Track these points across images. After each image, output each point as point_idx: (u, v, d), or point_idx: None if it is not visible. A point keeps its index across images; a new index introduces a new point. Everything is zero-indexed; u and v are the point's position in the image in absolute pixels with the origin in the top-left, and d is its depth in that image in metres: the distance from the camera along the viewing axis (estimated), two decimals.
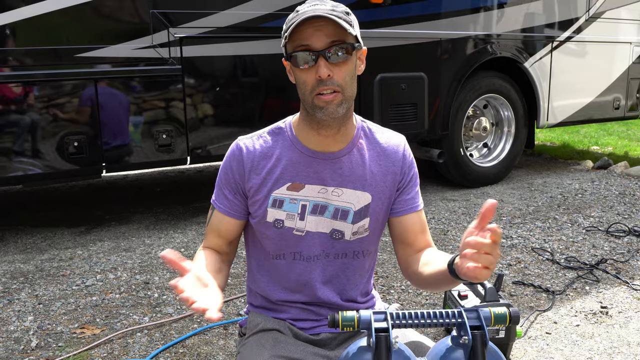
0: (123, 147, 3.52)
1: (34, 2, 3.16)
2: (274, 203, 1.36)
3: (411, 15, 4.32)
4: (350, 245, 1.42)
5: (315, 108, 1.27)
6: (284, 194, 1.36)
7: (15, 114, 3.25)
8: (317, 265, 1.41)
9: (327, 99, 1.25)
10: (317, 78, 1.24)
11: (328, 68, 1.23)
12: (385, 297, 2.74)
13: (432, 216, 4.04)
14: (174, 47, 3.51)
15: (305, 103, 1.30)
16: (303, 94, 1.29)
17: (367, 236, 1.43)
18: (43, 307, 2.64)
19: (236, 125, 3.80)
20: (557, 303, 2.69)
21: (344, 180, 1.38)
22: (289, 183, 1.36)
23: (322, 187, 1.36)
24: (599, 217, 4.02)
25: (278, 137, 1.39)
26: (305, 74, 1.26)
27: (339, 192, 1.37)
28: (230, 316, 2.56)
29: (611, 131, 8.36)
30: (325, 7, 1.25)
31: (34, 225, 3.90)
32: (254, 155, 1.37)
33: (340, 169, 1.37)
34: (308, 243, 1.39)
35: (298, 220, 1.36)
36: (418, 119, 4.42)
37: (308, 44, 1.24)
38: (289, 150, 1.37)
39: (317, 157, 1.36)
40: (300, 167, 1.36)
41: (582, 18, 5.26)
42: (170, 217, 4.07)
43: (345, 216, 1.38)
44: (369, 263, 1.51)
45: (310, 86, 1.26)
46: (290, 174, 1.36)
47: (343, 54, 1.25)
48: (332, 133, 1.33)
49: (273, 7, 3.75)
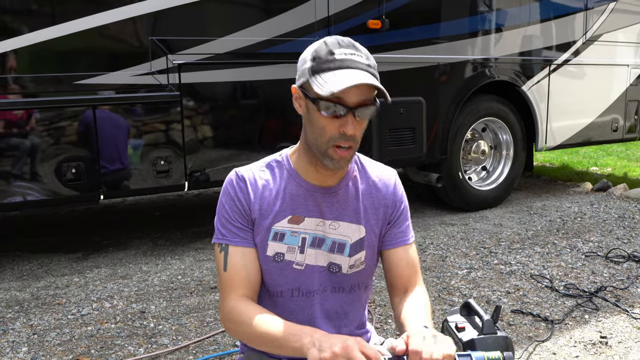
0: (121, 173, 3.52)
1: (33, 31, 3.18)
2: (275, 236, 1.35)
3: (409, 40, 4.35)
4: (347, 279, 1.42)
5: (326, 157, 1.28)
6: (285, 226, 1.35)
7: (14, 141, 3.26)
8: (316, 300, 1.40)
9: (343, 154, 1.26)
10: (340, 131, 1.24)
11: (354, 125, 1.24)
12: (382, 327, 2.72)
13: (430, 241, 4.03)
14: (173, 74, 3.52)
15: (317, 148, 1.29)
16: (317, 138, 1.28)
17: (364, 269, 1.44)
18: (38, 338, 2.62)
19: (234, 152, 3.80)
20: (556, 333, 2.67)
21: (340, 214, 1.39)
22: (290, 216, 1.36)
23: (320, 220, 1.37)
24: (598, 242, 4.00)
25: (276, 170, 1.39)
26: (327, 121, 1.25)
27: (336, 225, 1.38)
28: (226, 347, 2.54)
29: (610, 151, 8.37)
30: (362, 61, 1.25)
31: (31, 251, 3.88)
32: (255, 186, 1.36)
33: (337, 202, 1.39)
34: (307, 277, 1.38)
35: (298, 253, 1.36)
36: (416, 143, 4.42)
37: (342, 97, 1.22)
38: (288, 183, 1.37)
39: (316, 191, 1.37)
40: (300, 200, 1.36)
41: (580, 41, 5.29)
42: (168, 243, 4.06)
43: (342, 249, 1.39)
44: (365, 296, 1.51)
45: (330, 136, 1.25)
46: (290, 206, 1.36)
47: (370, 112, 1.26)
48: (331, 173, 1.35)
49: (271, 34, 3.78)
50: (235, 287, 1.32)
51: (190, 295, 3.11)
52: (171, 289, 3.20)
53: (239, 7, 3.84)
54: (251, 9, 3.85)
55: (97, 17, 3.32)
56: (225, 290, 1.34)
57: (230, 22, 3.72)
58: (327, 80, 1.22)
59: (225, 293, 1.33)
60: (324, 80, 1.22)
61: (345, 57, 1.24)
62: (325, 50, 1.26)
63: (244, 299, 1.32)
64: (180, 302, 3.02)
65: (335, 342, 1.10)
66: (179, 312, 2.90)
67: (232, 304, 1.31)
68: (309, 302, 1.40)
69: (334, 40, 1.28)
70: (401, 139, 4.36)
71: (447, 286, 3.20)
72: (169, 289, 3.19)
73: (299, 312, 1.39)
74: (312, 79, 1.25)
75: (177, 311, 2.90)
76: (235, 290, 1.32)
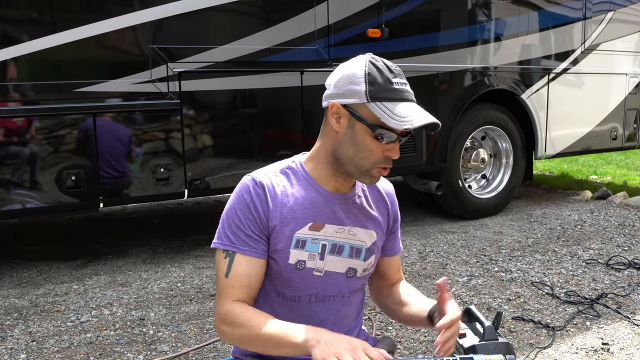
0: (121, 181, 3.52)
1: (34, 38, 3.19)
2: (297, 243, 1.34)
3: (408, 49, 4.37)
4: (359, 282, 1.47)
5: (366, 175, 1.33)
6: (307, 234, 1.35)
7: (14, 148, 3.26)
8: (332, 305, 1.42)
9: (385, 174, 1.35)
10: (385, 155, 1.30)
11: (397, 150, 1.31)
12: (382, 333, 2.71)
13: (430, 249, 4.02)
14: (173, 82, 3.53)
15: (357, 167, 1.32)
16: (361, 159, 1.31)
17: (371, 271, 1.50)
18: (36, 345, 2.61)
19: (234, 160, 3.81)
20: (557, 339, 2.65)
21: (356, 220, 1.42)
22: (310, 223, 1.36)
23: (339, 226, 1.39)
24: (599, 249, 3.99)
25: (292, 176, 1.39)
26: (375, 144, 1.29)
27: (355, 230, 1.41)
28: (226, 354, 2.53)
29: (609, 160, 8.38)
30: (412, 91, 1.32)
31: (30, 259, 3.87)
32: (274, 193, 1.35)
33: (353, 208, 1.42)
34: (326, 283, 1.39)
35: (318, 260, 1.37)
36: (416, 151, 4.43)
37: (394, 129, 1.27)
38: (306, 190, 1.37)
39: (333, 198, 1.39)
40: (320, 207, 1.37)
41: (578, 50, 5.32)
42: (168, 250, 4.05)
43: (358, 254, 1.42)
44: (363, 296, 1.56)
45: (376, 158, 1.30)
46: (311, 213, 1.36)
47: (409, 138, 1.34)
48: (350, 181, 1.40)
49: (271, 42, 3.79)
50: (232, 292, 1.31)
51: (189, 303, 3.09)
52: (171, 296, 3.19)
53: (239, 16, 3.86)
54: (251, 17, 3.87)
55: (97, 25, 3.34)
56: (222, 294, 1.32)
57: (230, 31, 3.74)
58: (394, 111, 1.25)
59: (222, 298, 1.32)
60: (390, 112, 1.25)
61: (401, 88, 1.29)
62: (381, 78, 1.28)
63: (239, 302, 1.31)
64: (179, 309, 3.01)
65: (342, 341, 1.13)
66: (178, 319, 2.88)
67: (228, 307, 1.30)
68: (326, 306, 1.41)
69: (383, 64, 1.30)
70: (401, 146, 4.33)
71: None
72: (168, 297, 3.18)
73: (314, 317, 1.40)
74: (373, 105, 1.26)
75: (176, 318, 2.89)
76: (231, 295, 1.31)
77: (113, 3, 3.41)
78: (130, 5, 3.43)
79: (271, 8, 3.93)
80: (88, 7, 3.38)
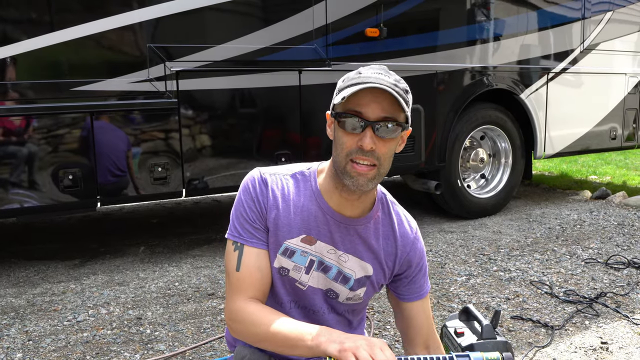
0: (118, 180, 3.50)
1: (31, 37, 3.18)
2: (285, 251, 1.32)
3: (407, 48, 4.36)
4: (341, 306, 1.43)
5: (345, 174, 1.24)
6: (297, 245, 1.32)
7: (10, 147, 3.25)
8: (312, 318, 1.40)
9: (361, 170, 1.22)
10: (358, 146, 1.21)
11: (373, 140, 1.20)
12: (381, 332, 2.70)
13: (429, 248, 4.01)
14: (171, 81, 3.52)
15: (337, 165, 1.27)
16: (338, 154, 1.25)
17: (359, 303, 1.44)
18: (33, 344, 2.60)
19: (232, 159, 3.79)
20: (556, 338, 2.64)
21: (352, 248, 1.36)
22: (303, 235, 1.32)
23: (332, 247, 1.34)
24: (598, 249, 3.98)
25: (301, 183, 1.36)
26: (347, 137, 1.22)
27: (346, 257, 1.36)
28: (223, 353, 2.52)
29: (609, 160, 8.37)
30: (389, 80, 1.21)
31: (27, 258, 3.86)
32: (275, 193, 1.33)
33: (353, 236, 1.36)
34: (307, 297, 1.38)
35: (304, 273, 1.34)
36: (415, 150, 4.42)
37: (361, 112, 1.20)
38: (309, 201, 1.34)
39: (335, 218, 1.33)
40: (318, 222, 1.33)
41: (577, 50, 5.31)
42: (166, 250, 4.04)
43: (346, 281, 1.37)
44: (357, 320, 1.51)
45: (348, 150, 1.22)
46: (307, 225, 1.33)
47: (392, 129, 1.22)
48: (354, 198, 1.31)
49: (269, 42, 3.78)
50: (245, 288, 1.29)
51: (187, 302, 3.08)
52: (168, 295, 3.18)
53: (237, 15, 3.85)
54: (249, 16, 3.86)
55: (95, 24, 3.32)
56: (234, 290, 1.29)
57: (228, 30, 3.73)
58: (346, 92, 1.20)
59: (234, 293, 1.29)
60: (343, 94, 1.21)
61: (370, 75, 1.22)
62: (354, 72, 1.26)
63: (253, 300, 1.29)
64: (177, 308, 3.00)
65: (358, 338, 1.10)
66: (175, 318, 2.87)
67: (241, 305, 1.27)
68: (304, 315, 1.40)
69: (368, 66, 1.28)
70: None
71: (446, 292, 3.18)
72: (166, 296, 3.17)
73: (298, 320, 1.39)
74: (336, 97, 1.24)
75: (173, 317, 2.88)
76: (245, 291, 1.28)
77: (110, 2, 3.40)
78: (128, 4, 3.42)
79: (269, 7, 3.92)
80: (85, 5, 3.37)
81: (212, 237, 4.30)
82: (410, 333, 1.46)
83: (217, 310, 2.96)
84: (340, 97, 1.20)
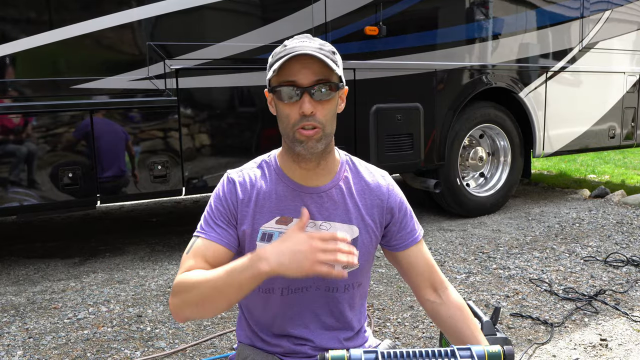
0: (118, 178, 3.50)
1: (30, 35, 3.18)
2: (263, 237, 1.34)
3: (406, 46, 4.36)
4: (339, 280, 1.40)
5: (295, 142, 1.29)
6: (273, 227, 1.35)
7: (10, 145, 3.25)
8: (308, 298, 1.39)
9: (307, 133, 1.27)
10: (300, 113, 1.26)
11: (312, 105, 1.25)
12: (381, 330, 2.71)
13: (429, 247, 4.01)
14: (170, 79, 3.52)
15: (286, 136, 1.31)
16: (285, 127, 1.30)
17: (357, 269, 1.42)
18: (33, 341, 2.60)
19: (231, 156, 3.80)
20: (555, 336, 2.65)
21: (330, 214, 1.38)
22: (277, 216, 1.35)
23: (310, 221, 1.35)
24: (597, 247, 3.99)
25: (266, 170, 1.40)
26: (288, 108, 1.28)
27: (327, 225, 1.37)
28: (224, 350, 2.52)
29: (608, 159, 8.39)
30: (313, 45, 1.27)
31: (27, 257, 3.86)
32: (244, 187, 1.36)
33: (327, 202, 1.38)
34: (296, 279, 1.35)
35: None
36: (414, 149, 4.42)
37: (294, 80, 1.26)
38: (275, 183, 1.37)
39: (303, 191, 1.37)
40: (288, 201, 1.36)
41: (576, 48, 5.32)
42: (166, 248, 4.04)
43: None
44: (359, 296, 1.49)
45: (293, 120, 1.28)
46: (278, 207, 1.35)
47: (327, 92, 1.27)
48: (313, 166, 1.35)
49: (268, 40, 3.79)
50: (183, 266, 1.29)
51: None
52: (168, 293, 3.18)
53: (237, 13, 3.85)
54: (249, 14, 3.86)
55: (94, 22, 3.33)
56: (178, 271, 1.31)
57: (227, 28, 3.73)
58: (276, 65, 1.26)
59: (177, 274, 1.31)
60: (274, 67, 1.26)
61: (296, 45, 1.27)
62: (280, 47, 1.31)
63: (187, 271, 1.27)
64: None
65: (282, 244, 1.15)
66: None
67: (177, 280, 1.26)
68: (300, 298, 1.39)
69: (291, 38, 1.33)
70: (399, 145, 4.36)
71: None
72: (166, 293, 3.17)
73: (292, 308, 1.39)
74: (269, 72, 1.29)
75: None
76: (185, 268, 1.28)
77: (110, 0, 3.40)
78: (127, 3, 3.42)
79: (269, 5, 3.93)
80: (85, 3, 3.37)
81: None
82: (415, 280, 1.46)
83: None
84: (272, 71, 1.26)
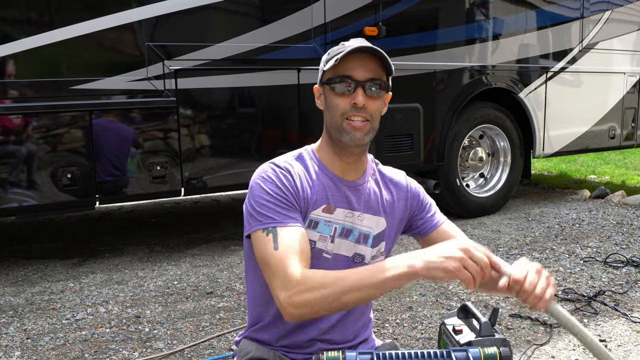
0: (117, 179, 3.50)
1: (30, 36, 3.17)
2: (310, 224, 1.37)
3: (406, 47, 4.36)
4: None
5: (342, 131, 1.35)
6: (320, 215, 1.38)
7: (9, 146, 3.25)
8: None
9: (357, 125, 1.34)
10: (351, 104, 1.33)
11: (364, 98, 1.32)
12: (379, 330, 2.70)
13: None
14: (169, 79, 3.52)
15: (333, 126, 1.37)
16: (333, 116, 1.36)
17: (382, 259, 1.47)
18: (31, 342, 2.60)
19: (231, 157, 3.79)
20: (554, 336, 2.64)
21: (365, 206, 1.45)
22: (324, 205, 1.39)
23: (349, 211, 1.42)
24: (597, 248, 3.99)
25: (306, 162, 1.44)
26: (340, 98, 1.34)
27: (362, 217, 1.44)
28: (222, 351, 2.52)
29: (608, 160, 8.38)
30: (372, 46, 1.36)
31: (26, 257, 3.86)
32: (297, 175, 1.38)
33: (362, 195, 1.45)
34: (333, 266, 1.39)
35: (329, 242, 1.39)
36: (414, 149, 4.42)
37: (350, 75, 1.33)
38: (318, 174, 1.42)
39: (343, 184, 1.43)
40: (332, 191, 1.41)
41: (576, 49, 5.31)
42: (165, 249, 4.03)
43: (366, 240, 1.44)
44: None
45: (342, 110, 1.34)
46: (325, 196, 1.40)
47: (378, 90, 1.35)
48: (353, 160, 1.41)
49: (267, 40, 3.78)
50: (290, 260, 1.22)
51: (185, 301, 3.08)
52: (167, 294, 3.18)
53: (236, 13, 3.85)
54: (248, 15, 3.86)
55: (93, 22, 3.33)
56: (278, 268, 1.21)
57: (227, 28, 3.74)
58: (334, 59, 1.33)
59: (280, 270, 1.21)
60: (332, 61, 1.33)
61: (354, 44, 1.34)
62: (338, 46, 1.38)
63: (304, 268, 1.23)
64: (175, 307, 3.00)
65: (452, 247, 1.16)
66: (174, 317, 2.87)
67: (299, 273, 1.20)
68: None
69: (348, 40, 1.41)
70: (398, 145, 4.36)
71: (444, 291, 3.18)
72: (164, 294, 3.17)
73: None
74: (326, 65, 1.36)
75: (172, 316, 2.88)
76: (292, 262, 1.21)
77: (109, 0, 3.40)
78: (127, 3, 3.42)
79: (268, 6, 3.93)
80: (84, 4, 3.37)
81: (211, 236, 4.29)
82: None
83: (216, 308, 2.96)
84: (332, 62, 1.32)
